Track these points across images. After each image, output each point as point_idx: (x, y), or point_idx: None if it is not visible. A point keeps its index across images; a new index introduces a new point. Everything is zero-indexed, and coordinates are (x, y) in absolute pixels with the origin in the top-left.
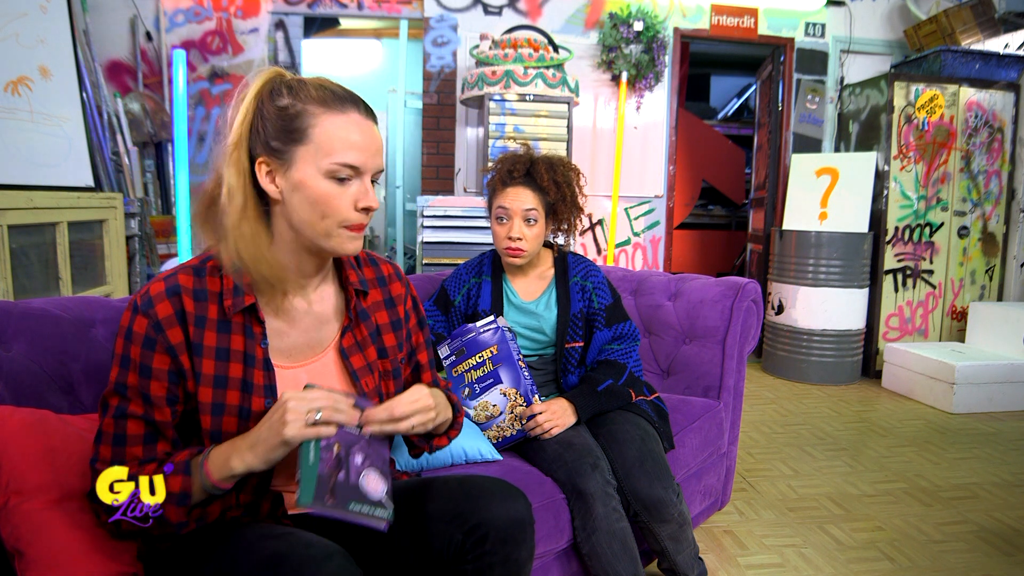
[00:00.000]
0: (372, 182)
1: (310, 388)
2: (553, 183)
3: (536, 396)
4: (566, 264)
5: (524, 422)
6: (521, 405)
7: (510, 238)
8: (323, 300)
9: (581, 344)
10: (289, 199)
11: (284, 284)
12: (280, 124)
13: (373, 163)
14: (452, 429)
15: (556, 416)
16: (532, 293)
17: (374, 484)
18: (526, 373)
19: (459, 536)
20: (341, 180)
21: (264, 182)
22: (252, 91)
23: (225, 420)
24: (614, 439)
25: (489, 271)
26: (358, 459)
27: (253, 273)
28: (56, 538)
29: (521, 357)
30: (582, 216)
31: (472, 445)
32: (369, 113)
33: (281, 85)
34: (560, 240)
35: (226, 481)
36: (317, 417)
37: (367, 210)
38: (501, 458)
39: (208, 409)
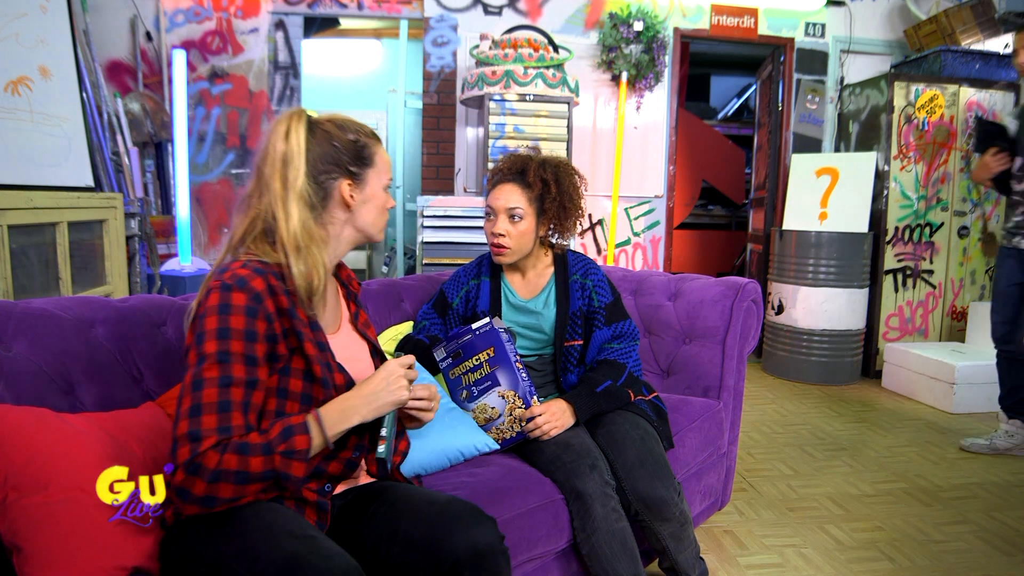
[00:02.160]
0: None
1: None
2: (539, 179)
3: (535, 398)
4: (566, 262)
5: (523, 424)
6: (520, 407)
7: (493, 234)
8: (332, 285)
9: (580, 343)
10: (359, 208)
11: (326, 279)
12: (355, 153)
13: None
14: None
15: (555, 417)
16: (531, 291)
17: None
18: (524, 375)
19: (435, 572)
20: (386, 190)
21: (346, 197)
22: (301, 130)
23: (322, 369)
24: (613, 439)
25: (488, 271)
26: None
27: (317, 276)
28: (54, 534)
29: (519, 359)
30: (577, 215)
31: (467, 443)
32: None
33: (322, 121)
34: (555, 239)
35: (337, 435)
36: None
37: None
38: (498, 446)
39: (316, 360)
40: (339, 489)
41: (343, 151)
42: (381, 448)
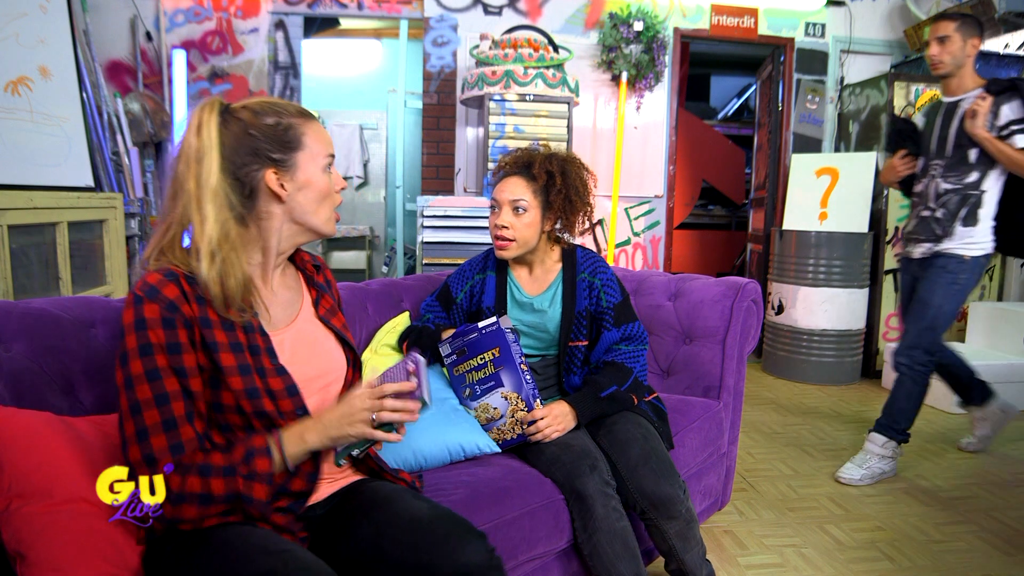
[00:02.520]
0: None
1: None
2: (544, 171)
3: (537, 401)
4: (575, 259)
5: (525, 426)
6: (522, 409)
7: (497, 225)
8: (286, 276)
9: (585, 343)
10: (294, 197)
11: (252, 283)
12: (275, 138)
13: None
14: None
15: (557, 421)
16: (538, 288)
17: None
18: (528, 377)
19: None
20: (327, 171)
21: (275, 187)
22: (213, 123)
23: (246, 379)
24: (616, 438)
25: (493, 266)
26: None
27: (234, 281)
28: (57, 541)
29: (524, 360)
30: (585, 209)
31: (470, 440)
32: None
33: (238, 109)
34: (564, 235)
35: (298, 458)
36: (374, 416)
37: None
38: (499, 449)
39: (235, 371)
40: (317, 497)
41: (261, 138)
42: (341, 460)
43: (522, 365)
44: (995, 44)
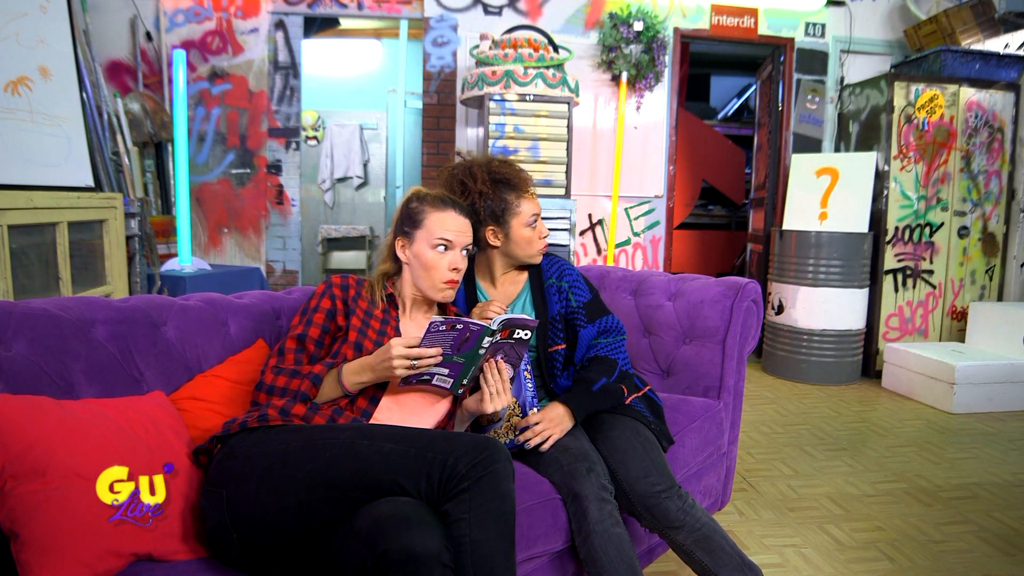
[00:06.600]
0: (464, 254)
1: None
2: (487, 212)
3: (534, 409)
4: (540, 266)
5: (517, 432)
6: (518, 415)
7: (456, 269)
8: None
9: (563, 347)
10: (411, 263)
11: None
12: (408, 217)
13: (459, 240)
14: None
15: (553, 424)
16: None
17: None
18: (530, 384)
19: (367, 561)
20: (441, 252)
21: (399, 253)
22: (402, 201)
23: (365, 345)
24: (615, 447)
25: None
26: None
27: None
28: (51, 520)
29: (528, 368)
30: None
31: None
32: (461, 211)
33: (416, 195)
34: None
35: (354, 387)
36: (415, 362)
37: (456, 270)
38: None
39: (353, 337)
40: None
41: (404, 217)
42: (460, 390)
43: (526, 371)
44: (995, 44)
